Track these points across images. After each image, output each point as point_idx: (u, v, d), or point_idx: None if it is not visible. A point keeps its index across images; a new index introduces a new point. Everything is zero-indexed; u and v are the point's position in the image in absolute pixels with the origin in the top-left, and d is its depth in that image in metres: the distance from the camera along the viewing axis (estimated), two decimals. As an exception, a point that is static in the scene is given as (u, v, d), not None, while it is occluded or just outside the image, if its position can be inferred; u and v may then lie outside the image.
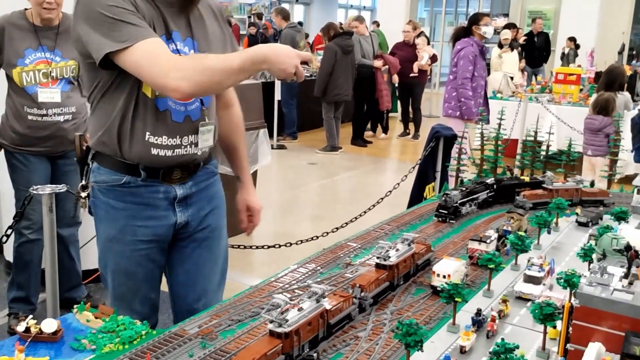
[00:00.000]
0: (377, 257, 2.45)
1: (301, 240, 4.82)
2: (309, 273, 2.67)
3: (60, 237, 4.51)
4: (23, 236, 4.47)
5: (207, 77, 2.25)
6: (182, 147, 2.57)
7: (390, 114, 16.13)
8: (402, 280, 2.54)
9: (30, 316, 2.17)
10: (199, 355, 1.99)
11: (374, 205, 5.31)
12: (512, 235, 2.77)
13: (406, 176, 5.50)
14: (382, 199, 5.36)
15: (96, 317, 2.26)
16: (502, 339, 1.76)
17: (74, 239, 4.82)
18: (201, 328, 2.19)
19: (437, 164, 5.71)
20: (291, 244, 4.72)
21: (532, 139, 4.50)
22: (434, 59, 13.23)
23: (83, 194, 2.64)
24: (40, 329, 2.12)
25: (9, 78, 4.20)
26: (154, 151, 2.53)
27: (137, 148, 2.52)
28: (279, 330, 1.88)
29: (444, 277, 2.44)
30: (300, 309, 1.97)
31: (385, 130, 13.62)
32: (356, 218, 5.23)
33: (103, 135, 2.55)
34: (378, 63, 12.10)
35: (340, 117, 11.90)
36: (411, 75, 12.77)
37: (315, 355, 1.75)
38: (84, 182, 2.68)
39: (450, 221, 3.36)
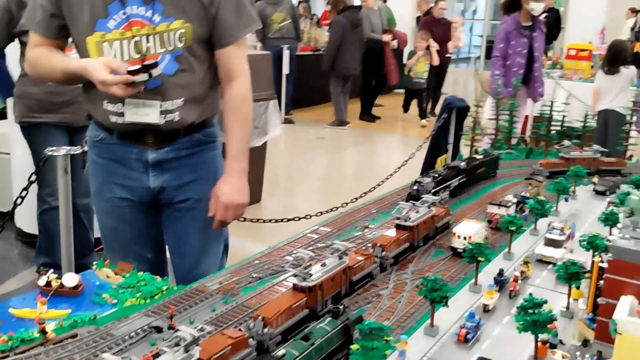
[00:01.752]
0: (398, 218, 2.43)
1: (309, 215, 4.80)
2: (328, 235, 2.66)
3: (75, 206, 4.51)
4: (45, 203, 4.48)
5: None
6: (125, 114, 2.47)
7: (397, 90, 16.07)
8: (421, 242, 2.52)
9: (51, 270, 2.16)
10: (221, 310, 1.98)
11: (383, 181, 5.28)
12: (532, 199, 2.75)
13: (421, 146, 5.46)
14: (394, 172, 5.32)
15: (116, 274, 2.25)
16: (530, 294, 1.75)
17: (88, 208, 4.79)
18: (222, 284, 2.18)
19: (450, 136, 5.67)
20: (299, 219, 4.70)
21: (547, 108, 4.46)
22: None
23: (86, 147, 2.66)
24: (61, 283, 2.12)
25: (23, 42, 4.17)
26: (113, 118, 2.52)
27: (100, 113, 2.55)
28: (303, 284, 1.87)
29: (465, 238, 2.42)
30: (323, 265, 1.96)
31: (423, 114, 12.50)
32: (365, 193, 5.18)
33: (83, 95, 2.61)
34: (387, 37, 11.99)
35: (348, 92, 11.82)
36: (447, 55, 12.26)
37: (341, 307, 1.73)
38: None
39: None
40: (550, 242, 2.49)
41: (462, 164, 3.32)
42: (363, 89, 12.61)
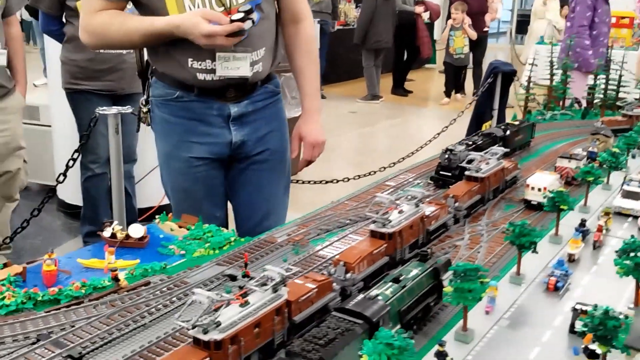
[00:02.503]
0: (468, 169, 2.33)
1: (347, 178, 4.70)
2: (390, 191, 2.56)
3: (125, 172, 4.49)
4: (89, 170, 4.45)
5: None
6: (217, 70, 2.37)
7: (428, 65, 15.80)
8: (491, 195, 2.41)
9: (116, 222, 2.10)
10: (293, 260, 1.91)
11: (418, 149, 5.13)
12: (605, 152, 2.61)
13: (462, 112, 5.31)
14: (432, 139, 5.16)
15: (180, 227, 2.19)
16: (632, 236, 1.63)
17: (130, 175, 4.78)
18: (290, 236, 2.11)
19: (495, 102, 5.49)
20: (338, 181, 4.59)
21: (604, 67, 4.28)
22: None
23: (144, 109, 2.56)
24: (126, 235, 2.06)
25: (68, 7, 4.12)
26: (200, 76, 2.41)
27: (184, 73, 2.42)
28: (382, 230, 1.78)
29: (540, 190, 2.31)
30: (400, 212, 1.87)
31: (460, 89, 12.00)
32: (403, 159, 5.06)
33: (155, 60, 2.49)
34: (419, 9, 11.74)
35: (381, 66, 11.63)
36: (485, 29, 11.65)
37: (428, 251, 1.64)
38: (145, 96, 2.60)
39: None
40: (629, 195, 2.36)
41: (500, 131, 3.07)
42: (395, 62, 12.40)
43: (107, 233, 2.06)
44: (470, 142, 2.81)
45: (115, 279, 1.74)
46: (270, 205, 2.74)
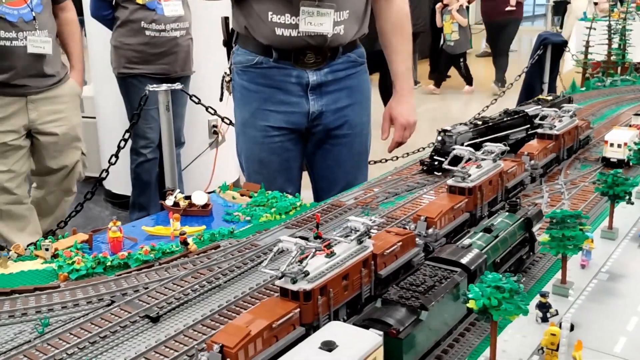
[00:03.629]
0: (542, 127, 2.20)
1: (396, 157, 4.57)
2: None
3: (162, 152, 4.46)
4: (141, 156, 4.42)
5: None
6: (299, 25, 2.33)
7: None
8: (566, 154, 2.28)
9: (178, 190, 2.04)
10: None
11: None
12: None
13: (503, 93, 5.13)
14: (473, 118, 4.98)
15: (242, 195, 2.12)
16: None
17: (177, 159, 4.73)
18: (357, 200, 2.02)
19: (545, 75, 5.31)
20: (386, 160, 4.47)
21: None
22: None
23: (227, 77, 2.51)
24: (189, 203, 2.00)
25: None
26: (279, 31, 2.34)
27: (263, 29, 2.35)
28: (462, 184, 1.67)
29: (619, 146, 2.17)
30: (479, 167, 1.75)
31: (469, 80, 11.25)
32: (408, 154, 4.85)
33: (238, 16, 2.42)
34: (455, -9, 11.48)
35: (417, 51, 11.42)
36: (507, 9, 10.32)
37: (517, 201, 1.53)
38: (228, 65, 2.55)
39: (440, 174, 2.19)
40: None
41: (531, 108, 2.52)
42: (432, 46, 12.18)
43: (169, 201, 2.00)
44: (479, 123, 2.37)
45: (184, 243, 1.67)
46: (350, 179, 2.64)
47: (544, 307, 1.27)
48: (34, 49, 3.28)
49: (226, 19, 2.61)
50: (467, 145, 1.94)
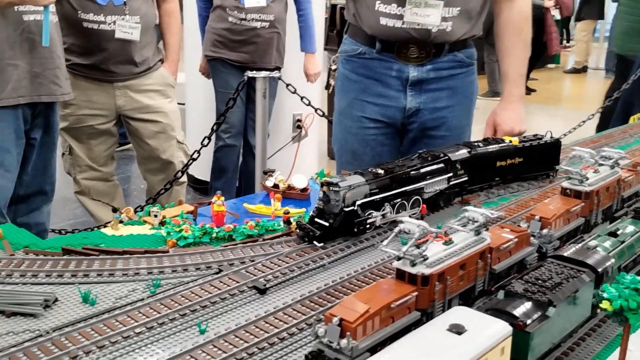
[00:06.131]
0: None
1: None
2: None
3: (248, 144, 4.52)
4: (221, 140, 4.51)
5: None
6: (405, 15, 2.28)
7: (550, 65, 14.99)
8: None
9: (278, 172, 2.06)
10: (467, 219, 1.76)
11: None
12: None
13: (593, 115, 4.79)
14: (563, 135, 4.71)
15: (339, 182, 2.11)
16: None
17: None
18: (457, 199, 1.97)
19: (646, 92, 5.05)
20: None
21: None
22: None
23: (333, 66, 2.52)
24: (289, 185, 2.01)
25: None
26: (383, 21, 2.32)
27: (368, 17, 2.34)
28: (579, 188, 1.60)
29: None
30: (596, 171, 1.67)
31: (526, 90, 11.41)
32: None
33: (349, 2, 2.42)
34: (549, 3, 11.13)
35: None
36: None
37: (643, 208, 1.46)
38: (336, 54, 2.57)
39: (317, 243, 1.57)
40: None
41: (459, 152, 1.91)
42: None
43: (269, 182, 2.02)
44: (381, 172, 1.69)
45: (287, 222, 1.68)
46: None
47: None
48: (121, 34, 3.27)
49: (341, 8, 2.61)
50: (362, 204, 1.59)
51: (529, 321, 1.02)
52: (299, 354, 1.15)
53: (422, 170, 1.78)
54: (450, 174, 1.85)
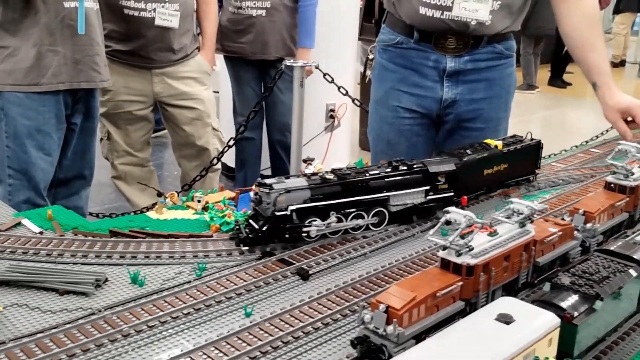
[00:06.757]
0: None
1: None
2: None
3: (272, 141, 4.54)
4: (238, 132, 4.52)
5: None
6: (453, 8, 2.29)
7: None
8: None
9: (317, 161, 2.07)
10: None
11: (587, 141, 4.58)
12: None
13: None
14: (600, 134, 4.60)
15: (377, 173, 2.12)
16: None
17: (283, 143, 4.77)
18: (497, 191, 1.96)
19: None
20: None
21: None
22: None
23: (370, 56, 2.52)
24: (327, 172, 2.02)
25: None
26: (422, 10, 2.31)
27: (407, 6, 2.33)
28: (624, 182, 1.58)
29: None
30: (641, 167, 1.65)
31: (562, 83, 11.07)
32: (566, 151, 4.51)
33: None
34: (588, -5, 10.92)
35: (540, 54, 10.98)
36: None
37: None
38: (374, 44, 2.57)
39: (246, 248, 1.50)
40: None
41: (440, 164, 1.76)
42: (555, 51, 11.64)
43: (308, 170, 2.03)
44: (332, 177, 1.58)
45: (328, 211, 1.69)
46: None
47: None
48: (161, 21, 3.31)
49: None
50: (298, 210, 1.46)
51: (576, 314, 1.02)
52: (342, 339, 1.17)
53: (387, 180, 1.61)
54: (428, 187, 1.68)
